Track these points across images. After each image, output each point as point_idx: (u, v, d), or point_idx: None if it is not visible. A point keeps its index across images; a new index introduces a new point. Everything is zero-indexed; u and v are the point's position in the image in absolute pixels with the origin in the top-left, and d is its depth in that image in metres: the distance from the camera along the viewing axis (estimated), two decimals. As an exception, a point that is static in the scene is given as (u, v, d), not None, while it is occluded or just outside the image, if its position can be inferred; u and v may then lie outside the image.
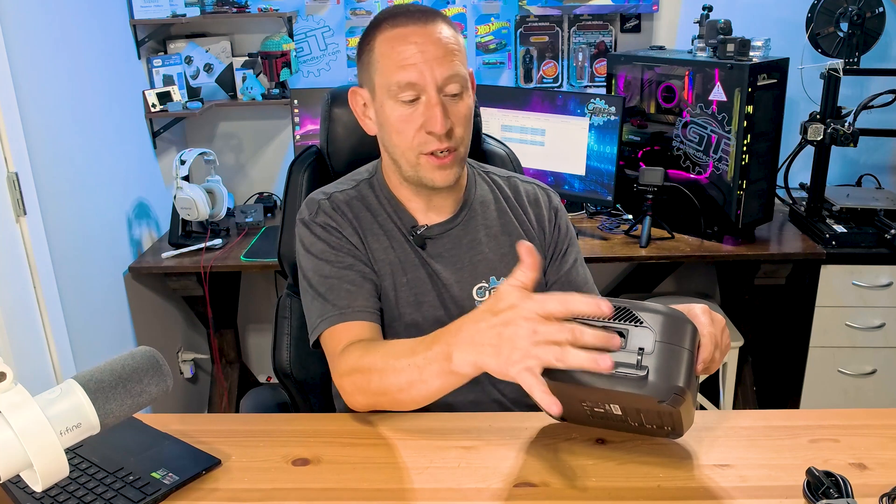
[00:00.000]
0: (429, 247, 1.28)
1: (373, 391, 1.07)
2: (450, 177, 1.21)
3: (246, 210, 2.62)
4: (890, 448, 1.05)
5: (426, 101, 1.16)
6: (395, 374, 1.02)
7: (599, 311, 0.85)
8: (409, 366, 1.00)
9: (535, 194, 1.37)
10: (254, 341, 3.14)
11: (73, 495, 1.00)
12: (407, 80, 1.14)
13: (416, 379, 0.99)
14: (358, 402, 1.11)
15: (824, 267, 2.35)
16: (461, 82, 1.17)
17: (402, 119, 1.18)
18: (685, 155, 2.39)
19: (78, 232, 2.16)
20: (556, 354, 0.84)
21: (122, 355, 0.81)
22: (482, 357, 0.90)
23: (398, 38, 1.15)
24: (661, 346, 0.87)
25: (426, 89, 1.15)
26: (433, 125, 1.15)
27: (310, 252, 1.25)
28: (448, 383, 0.98)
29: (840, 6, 2.37)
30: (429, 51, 1.14)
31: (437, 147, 1.18)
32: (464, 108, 1.19)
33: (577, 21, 2.76)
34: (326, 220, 1.25)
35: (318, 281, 1.22)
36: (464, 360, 0.92)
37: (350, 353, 1.12)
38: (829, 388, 2.48)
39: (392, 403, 1.08)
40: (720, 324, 0.98)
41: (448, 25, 1.18)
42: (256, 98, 2.73)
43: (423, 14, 1.16)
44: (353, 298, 1.20)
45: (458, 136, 1.19)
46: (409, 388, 1.01)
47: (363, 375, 1.08)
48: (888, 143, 2.78)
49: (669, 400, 0.87)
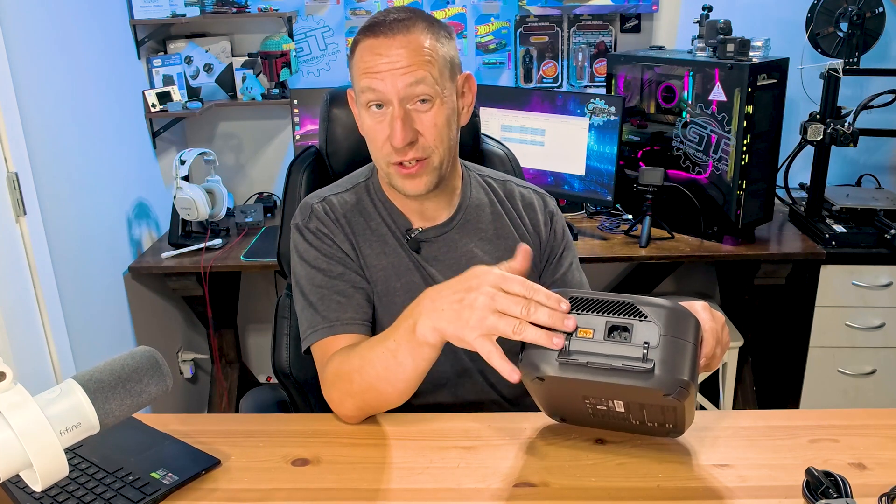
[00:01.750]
0: (423, 250, 1.28)
1: (356, 391, 1.09)
2: (420, 186, 1.21)
3: (246, 210, 2.62)
4: (889, 448, 1.05)
5: (390, 113, 1.16)
6: (372, 365, 1.05)
7: (557, 306, 0.89)
8: (383, 352, 1.03)
9: (531, 198, 1.37)
10: (254, 341, 3.14)
11: (72, 495, 1.00)
12: (371, 86, 1.15)
13: (391, 362, 1.02)
14: (347, 410, 1.13)
15: (824, 267, 2.35)
16: (429, 91, 1.15)
17: (372, 128, 1.19)
18: (685, 155, 2.39)
19: (78, 232, 2.16)
20: (513, 327, 0.89)
21: (121, 355, 0.81)
22: (441, 322, 0.94)
23: (369, 48, 1.16)
24: (665, 339, 0.88)
25: (389, 100, 1.15)
26: (392, 138, 1.16)
27: (303, 259, 1.26)
28: (420, 358, 1.00)
29: (840, 6, 2.37)
30: (394, 61, 1.14)
31: (399, 158, 1.18)
32: (433, 117, 1.17)
33: (577, 21, 2.76)
34: (318, 227, 1.26)
35: (310, 290, 1.24)
36: (425, 326, 0.96)
37: (332, 363, 1.15)
38: (828, 388, 2.48)
39: (377, 400, 1.09)
40: (720, 320, 0.99)
41: (426, 33, 1.16)
42: (256, 98, 2.73)
43: (397, 23, 1.15)
44: (342, 310, 1.21)
45: (428, 145, 1.18)
46: (387, 375, 1.04)
47: (345, 378, 1.10)
48: (888, 143, 2.78)
49: (675, 393, 0.87)
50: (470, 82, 1.25)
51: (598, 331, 0.90)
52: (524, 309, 0.89)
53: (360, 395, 1.09)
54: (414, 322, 0.98)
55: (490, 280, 0.92)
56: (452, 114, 1.20)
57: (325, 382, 1.16)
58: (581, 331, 0.90)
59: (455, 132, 1.23)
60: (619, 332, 0.90)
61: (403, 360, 1.01)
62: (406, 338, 1.00)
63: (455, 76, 1.21)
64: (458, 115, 1.23)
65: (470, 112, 1.27)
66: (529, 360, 0.91)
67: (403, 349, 1.01)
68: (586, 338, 0.90)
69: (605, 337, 0.90)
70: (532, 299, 0.89)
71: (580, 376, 0.89)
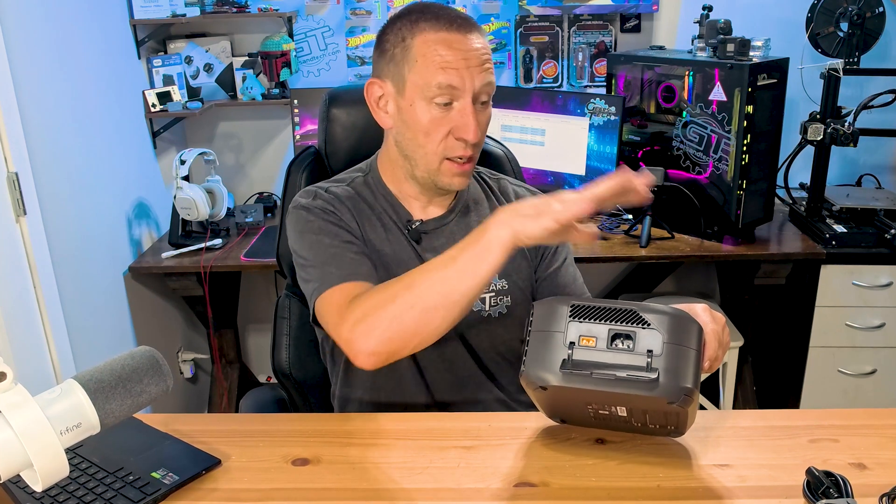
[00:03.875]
0: (424, 241, 1.29)
1: (393, 315, 1.02)
2: (466, 182, 1.25)
3: (246, 210, 2.62)
4: (890, 448, 1.05)
5: (460, 108, 1.17)
6: (423, 279, 1.03)
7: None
8: (442, 261, 1.03)
9: (524, 195, 1.39)
10: (254, 341, 3.14)
11: (73, 495, 1.00)
12: (448, 82, 1.15)
13: (449, 271, 1.01)
14: (373, 344, 1.03)
15: (824, 267, 2.35)
16: (492, 92, 1.20)
17: (434, 121, 1.18)
18: (685, 155, 2.39)
19: (78, 232, 2.16)
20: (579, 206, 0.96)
21: (122, 355, 0.81)
22: (520, 220, 0.98)
23: (442, 41, 1.15)
24: (669, 347, 0.88)
25: (464, 95, 1.16)
26: (466, 132, 1.17)
27: (307, 231, 1.21)
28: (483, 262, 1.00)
29: (840, 6, 2.37)
30: (471, 58, 1.16)
31: (463, 153, 1.20)
32: (488, 117, 1.23)
33: (577, 21, 2.76)
34: (324, 205, 1.24)
35: (318, 252, 1.18)
36: (501, 229, 0.99)
37: (360, 297, 1.08)
38: (829, 388, 2.48)
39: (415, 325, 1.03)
40: (721, 321, 0.99)
41: (483, 35, 1.21)
42: (256, 98, 2.73)
43: (465, 21, 1.18)
44: (357, 265, 1.17)
45: (480, 143, 1.22)
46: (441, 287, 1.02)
47: (381, 304, 1.04)
48: (888, 143, 2.78)
49: (680, 401, 0.87)
50: None
51: (601, 339, 0.90)
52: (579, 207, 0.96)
53: (399, 319, 1.02)
54: (486, 228, 1.00)
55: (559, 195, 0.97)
56: None
57: (346, 319, 1.06)
58: (584, 339, 0.90)
59: None
60: (622, 339, 0.89)
61: (464, 267, 1.01)
62: (472, 243, 1.01)
63: None
64: None
65: None
66: (533, 369, 0.90)
67: (467, 254, 1.01)
68: (589, 346, 0.90)
69: (608, 345, 0.89)
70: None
71: (584, 386, 0.89)
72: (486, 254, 0.99)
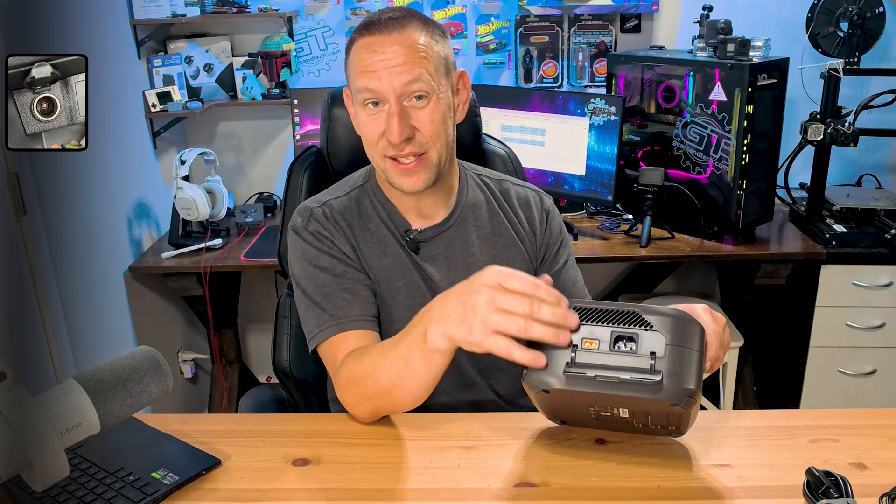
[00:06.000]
0: (422, 250, 1.29)
1: (370, 395, 1.08)
2: (418, 182, 1.21)
3: (246, 210, 2.62)
4: (890, 448, 1.05)
5: (387, 110, 1.17)
6: (385, 372, 1.04)
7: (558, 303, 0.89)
8: (395, 358, 1.03)
9: (527, 196, 1.38)
10: (254, 341, 3.14)
11: (73, 495, 1.00)
12: (367, 86, 1.16)
13: (403, 370, 1.02)
14: (362, 412, 1.12)
15: (824, 267, 2.35)
16: (425, 87, 1.16)
17: (367, 125, 1.20)
18: (685, 155, 2.39)
19: (78, 232, 2.16)
20: (518, 326, 0.88)
21: (122, 355, 0.81)
22: (449, 327, 0.94)
23: (364, 46, 1.17)
24: (671, 349, 0.88)
25: (386, 97, 1.16)
26: (389, 134, 1.17)
27: (303, 260, 1.25)
28: (432, 365, 1.00)
29: (840, 6, 2.37)
30: (389, 59, 1.15)
31: (395, 153, 1.19)
32: (429, 113, 1.18)
33: (577, 21, 2.76)
34: (317, 229, 1.26)
35: (314, 289, 1.23)
36: (436, 333, 0.96)
37: (346, 366, 1.14)
38: (829, 388, 2.48)
39: (392, 404, 1.09)
40: (721, 322, 0.99)
41: (421, 30, 1.17)
42: (256, 98, 2.73)
43: (392, 22, 1.17)
44: (349, 307, 1.21)
45: (425, 140, 1.19)
46: (400, 382, 1.03)
47: (360, 383, 1.09)
48: (888, 143, 2.78)
49: (683, 403, 0.87)
50: (464, 79, 1.26)
51: (604, 341, 0.89)
52: (527, 306, 0.88)
53: (375, 400, 1.09)
54: (424, 329, 0.97)
55: (488, 280, 0.91)
56: (448, 110, 1.21)
57: (338, 386, 1.15)
58: (586, 342, 0.89)
59: (451, 129, 1.23)
60: (624, 342, 0.89)
61: (416, 367, 1.01)
62: (417, 345, 0.99)
63: (450, 73, 1.22)
64: (454, 111, 1.24)
65: (465, 109, 1.28)
66: (535, 373, 0.90)
67: (415, 356, 1.00)
68: (592, 349, 0.89)
69: (610, 348, 0.89)
70: (535, 296, 0.89)
71: (587, 389, 0.88)
72: (431, 356, 0.99)
